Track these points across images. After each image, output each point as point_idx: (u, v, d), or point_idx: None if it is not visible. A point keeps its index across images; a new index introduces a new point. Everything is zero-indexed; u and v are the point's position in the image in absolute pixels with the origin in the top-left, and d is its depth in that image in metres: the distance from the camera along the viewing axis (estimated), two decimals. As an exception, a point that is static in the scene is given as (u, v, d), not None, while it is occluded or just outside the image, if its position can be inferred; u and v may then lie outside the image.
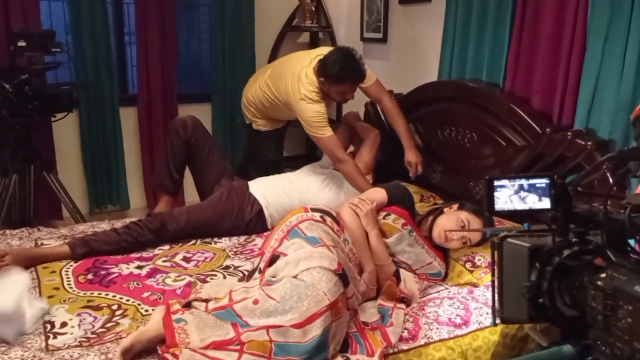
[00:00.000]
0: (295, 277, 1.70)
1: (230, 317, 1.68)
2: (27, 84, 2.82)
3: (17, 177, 3.03)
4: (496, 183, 1.00)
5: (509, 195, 1.02)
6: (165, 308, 1.72)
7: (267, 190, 2.66)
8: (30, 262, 2.11)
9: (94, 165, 3.74)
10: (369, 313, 1.90)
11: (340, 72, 2.59)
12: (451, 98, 2.76)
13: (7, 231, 2.42)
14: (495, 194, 1.00)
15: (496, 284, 1.09)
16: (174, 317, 1.67)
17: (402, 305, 1.96)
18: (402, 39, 2.92)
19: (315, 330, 1.61)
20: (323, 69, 2.63)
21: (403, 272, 2.05)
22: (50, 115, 3.06)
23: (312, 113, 2.65)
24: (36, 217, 3.32)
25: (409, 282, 2.03)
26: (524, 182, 1.02)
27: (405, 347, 1.77)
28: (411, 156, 2.75)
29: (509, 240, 1.06)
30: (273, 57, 4.11)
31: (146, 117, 3.80)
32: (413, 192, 2.69)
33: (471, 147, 2.66)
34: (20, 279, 1.79)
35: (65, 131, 3.53)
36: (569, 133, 2.19)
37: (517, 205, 1.02)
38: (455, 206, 2.23)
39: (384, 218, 2.21)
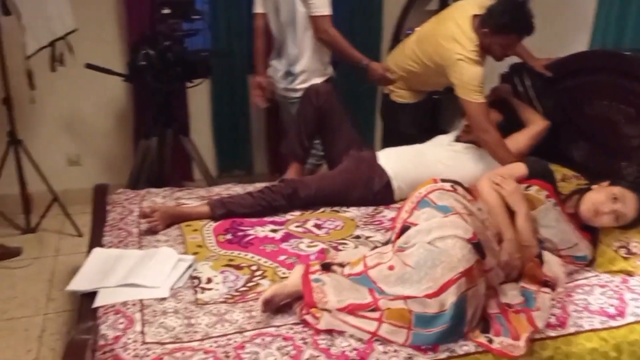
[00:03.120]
0: (428, 243, 1.66)
1: (367, 283, 1.69)
2: (170, 50, 2.94)
3: (156, 139, 3.19)
4: None
5: None
6: (304, 267, 1.75)
7: (396, 161, 2.60)
8: (174, 219, 2.22)
9: (223, 131, 3.86)
10: (511, 295, 1.80)
11: (510, 22, 2.46)
12: (604, 69, 2.52)
13: (152, 190, 2.56)
14: None
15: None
16: (312, 277, 1.69)
17: (547, 289, 1.83)
18: (545, 6, 2.69)
19: (450, 298, 1.58)
20: (489, 19, 2.50)
21: (547, 255, 1.93)
22: (189, 81, 3.17)
23: (472, 74, 2.51)
24: (171, 178, 3.50)
25: (554, 265, 1.90)
26: None
27: (553, 334, 1.67)
28: None
29: None
30: (400, 25, 3.99)
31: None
32: (555, 171, 2.54)
33: (626, 123, 2.42)
34: (170, 256, 1.87)
35: (198, 97, 3.67)
36: None
37: None
38: (606, 183, 2.05)
39: (525, 189, 2.11)
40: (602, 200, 1.98)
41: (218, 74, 3.65)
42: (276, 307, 1.64)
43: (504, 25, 2.47)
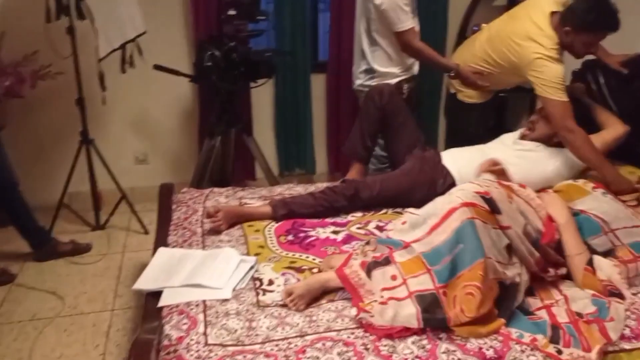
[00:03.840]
0: None
1: (385, 242, 1.84)
2: (235, 51, 2.98)
3: (220, 138, 3.25)
4: None
5: None
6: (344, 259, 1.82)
7: (460, 162, 2.55)
8: (237, 219, 2.25)
9: (284, 130, 3.89)
10: (582, 304, 1.72)
11: (596, 20, 2.38)
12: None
13: (216, 189, 2.61)
14: None
15: None
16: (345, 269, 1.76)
17: (620, 300, 1.74)
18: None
19: (453, 224, 1.68)
20: (572, 16, 2.42)
21: (597, 260, 1.83)
22: (253, 81, 3.21)
23: (553, 72, 2.43)
24: (233, 177, 3.56)
25: (606, 268, 1.80)
26: None
27: (627, 347, 1.58)
28: None
29: None
30: (466, 22, 3.89)
31: (334, 83, 3.84)
32: (628, 172, 2.42)
33: None
34: (232, 257, 1.90)
35: (261, 96, 3.71)
36: None
37: None
38: None
39: (574, 180, 2.23)
40: None
41: (281, 73, 3.69)
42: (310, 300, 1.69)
43: (590, 22, 2.39)
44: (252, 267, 1.86)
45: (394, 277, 1.68)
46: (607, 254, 1.87)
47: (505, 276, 1.70)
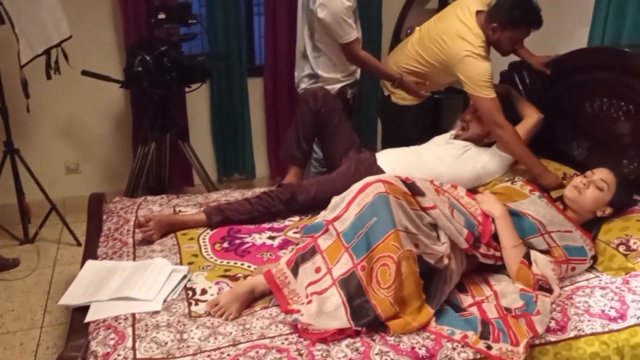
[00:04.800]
0: None
1: (309, 230, 1.89)
2: (166, 55, 2.92)
3: (154, 145, 3.18)
4: None
5: None
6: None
7: (395, 162, 2.59)
8: (170, 228, 2.19)
9: (222, 135, 3.84)
10: (511, 298, 1.78)
11: (522, 16, 2.47)
12: (604, 66, 2.47)
13: (149, 197, 2.54)
14: None
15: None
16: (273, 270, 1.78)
17: (546, 293, 1.81)
18: (544, 1, 2.65)
19: (367, 198, 1.74)
20: (497, 13, 2.50)
21: (534, 254, 1.90)
22: (186, 86, 3.15)
23: (481, 70, 2.50)
24: (170, 183, 3.49)
25: (541, 263, 1.87)
26: None
27: (553, 339, 1.63)
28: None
29: None
30: (399, 26, 3.96)
31: (272, 87, 3.82)
32: (554, 169, 2.52)
33: (627, 121, 2.38)
34: (164, 267, 1.85)
35: (197, 101, 3.65)
36: None
37: None
38: None
39: (512, 183, 2.32)
40: (579, 179, 2.13)
41: (216, 77, 3.64)
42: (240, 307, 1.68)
43: (515, 19, 2.47)
44: (184, 277, 1.82)
45: (318, 270, 1.71)
46: (543, 253, 1.93)
47: (433, 250, 1.73)
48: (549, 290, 1.81)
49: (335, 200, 1.93)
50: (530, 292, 1.79)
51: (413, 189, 1.81)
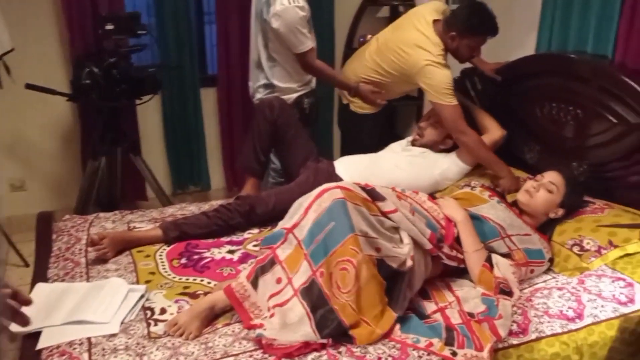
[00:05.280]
0: None
1: (268, 241, 1.86)
2: (115, 67, 2.84)
3: (105, 159, 3.08)
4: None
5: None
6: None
7: (354, 170, 2.61)
8: (125, 245, 2.12)
9: (176, 147, 3.77)
10: (473, 303, 1.79)
11: (479, 24, 2.52)
12: (552, 72, 2.55)
13: (101, 214, 2.45)
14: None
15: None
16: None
17: (507, 297, 1.83)
18: (494, 9, 2.73)
19: (324, 203, 1.73)
20: (455, 22, 2.55)
21: (495, 257, 1.93)
22: (137, 98, 3.07)
23: (443, 78, 2.54)
24: (123, 198, 3.39)
25: (502, 266, 1.90)
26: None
27: (515, 342, 1.65)
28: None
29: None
30: (352, 34, 3.98)
31: (226, 97, 3.78)
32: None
33: (576, 125, 2.45)
34: (120, 287, 1.78)
35: (148, 113, 3.57)
36: (696, 109, 1.97)
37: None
38: None
39: (471, 189, 2.36)
40: (530, 183, 2.19)
41: (168, 88, 3.57)
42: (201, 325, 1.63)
43: (473, 26, 2.52)
44: (142, 297, 1.75)
45: (279, 280, 1.68)
46: (504, 256, 1.96)
47: (396, 254, 1.72)
48: (510, 294, 1.83)
49: (293, 206, 1.91)
50: (491, 296, 1.81)
51: (373, 195, 1.81)
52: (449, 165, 2.65)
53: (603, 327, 1.73)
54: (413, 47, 2.59)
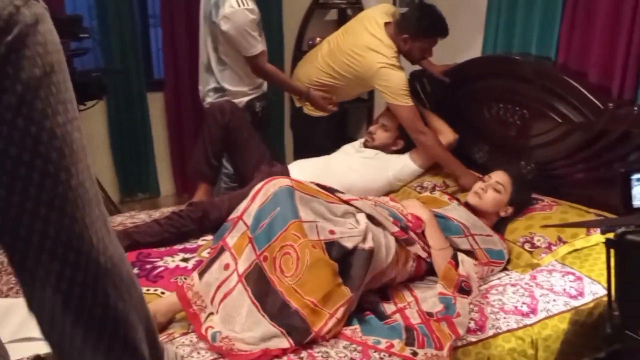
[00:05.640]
0: None
1: (219, 234, 1.91)
2: (57, 71, 2.72)
3: (48, 167, 2.95)
4: (635, 177, 0.87)
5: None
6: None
7: (308, 173, 2.59)
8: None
9: (123, 153, 3.66)
10: (431, 302, 1.82)
11: (431, 26, 2.55)
12: (498, 74, 2.62)
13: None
14: (635, 190, 0.87)
15: (612, 287, 0.97)
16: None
17: (464, 295, 1.86)
18: (442, 10, 2.79)
19: (272, 188, 1.78)
20: (406, 25, 2.57)
21: (461, 255, 1.97)
22: (81, 104, 2.95)
23: (398, 79, 2.56)
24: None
25: (467, 264, 1.94)
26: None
27: (473, 339, 1.67)
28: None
29: (630, 237, 0.93)
30: (301, 36, 3.98)
31: (173, 101, 3.71)
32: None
33: (522, 125, 2.53)
34: None
35: (93, 119, 3.45)
36: (635, 107, 2.05)
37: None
38: None
39: (431, 192, 2.41)
40: (478, 184, 2.26)
41: (113, 93, 3.46)
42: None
43: (424, 29, 2.56)
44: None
45: (226, 267, 1.69)
46: (467, 254, 2.00)
47: (350, 234, 1.73)
48: (468, 292, 1.86)
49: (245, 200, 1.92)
50: (448, 295, 1.83)
51: (329, 189, 1.85)
52: (402, 166, 2.68)
53: (556, 320, 1.78)
54: (366, 50, 2.61)
